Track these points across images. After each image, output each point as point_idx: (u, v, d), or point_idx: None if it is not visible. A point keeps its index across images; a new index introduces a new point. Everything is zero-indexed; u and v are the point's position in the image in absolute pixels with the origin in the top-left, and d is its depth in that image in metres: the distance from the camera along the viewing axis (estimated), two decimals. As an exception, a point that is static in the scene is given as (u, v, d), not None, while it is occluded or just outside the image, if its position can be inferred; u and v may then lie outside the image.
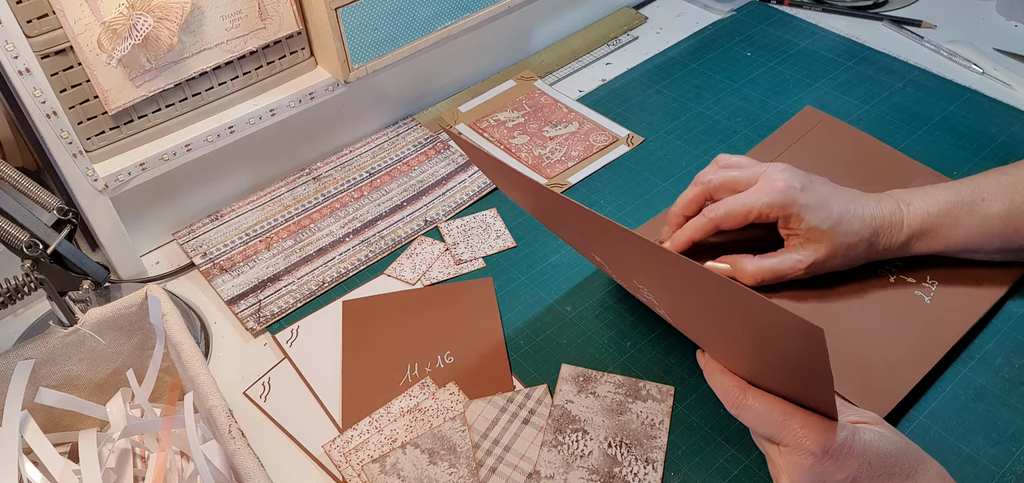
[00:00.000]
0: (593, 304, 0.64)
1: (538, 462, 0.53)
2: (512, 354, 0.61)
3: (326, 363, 0.62)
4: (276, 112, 0.73)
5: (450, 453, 0.54)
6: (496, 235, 0.71)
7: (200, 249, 0.72)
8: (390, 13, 0.73)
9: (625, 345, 0.61)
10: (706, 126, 0.82)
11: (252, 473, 0.45)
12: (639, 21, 0.99)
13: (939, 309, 0.59)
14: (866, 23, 0.95)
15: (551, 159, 0.79)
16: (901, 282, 0.61)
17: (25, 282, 0.51)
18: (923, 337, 0.57)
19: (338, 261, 0.70)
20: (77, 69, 0.62)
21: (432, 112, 0.86)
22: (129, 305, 0.54)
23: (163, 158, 0.68)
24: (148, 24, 0.61)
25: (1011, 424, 0.53)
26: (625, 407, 0.56)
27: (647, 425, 0.55)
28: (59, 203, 0.54)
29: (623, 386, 0.57)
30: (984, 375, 0.56)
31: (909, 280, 0.61)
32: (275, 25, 0.70)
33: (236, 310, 0.66)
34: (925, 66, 0.86)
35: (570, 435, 0.54)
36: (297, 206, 0.76)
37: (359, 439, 0.56)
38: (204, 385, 0.49)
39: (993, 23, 0.93)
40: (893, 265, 0.62)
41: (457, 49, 0.85)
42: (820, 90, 0.85)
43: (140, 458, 0.53)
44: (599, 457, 0.53)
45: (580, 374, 0.58)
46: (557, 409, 0.56)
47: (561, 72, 0.92)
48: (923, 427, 0.54)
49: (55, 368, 0.53)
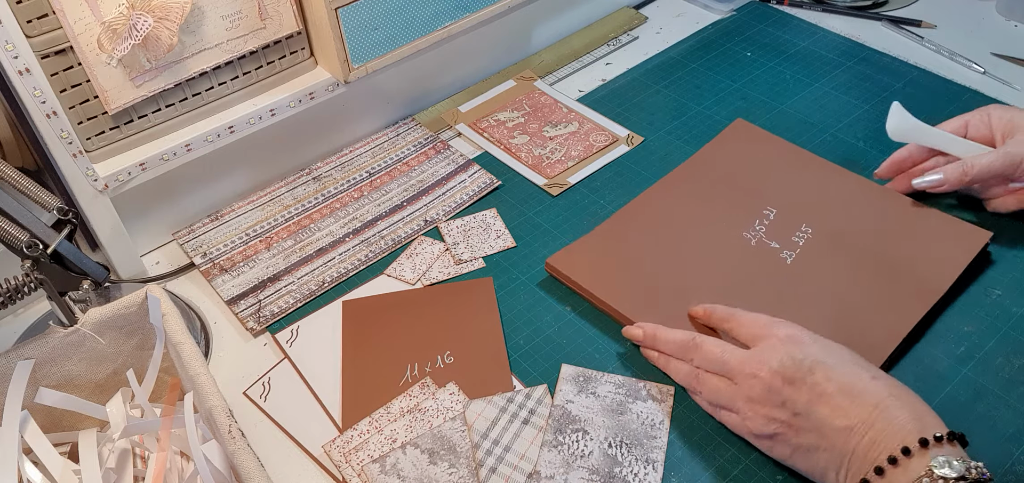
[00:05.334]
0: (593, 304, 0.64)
1: (538, 462, 0.53)
2: (512, 354, 0.61)
3: (326, 363, 0.62)
4: (276, 112, 0.73)
5: (450, 453, 0.54)
6: (496, 235, 0.71)
7: (200, 249, 0.72)
8: (390, 13, 0.73)
9: (626, 344, 0.61)
10: (706, 126, 0.82)
11: (252, 473, 0.45)
12: (639, 21, 0.99)
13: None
14: (866, 23, 0.95)
15: (551, 159, 0.79)
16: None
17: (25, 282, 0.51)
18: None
19: (338, 261, 0.70)
20: (77, 69, 0.62)
21: (432, 112, 0.86)
22: (129, 305, 0.54)
23: (163, 158, 0.68)
24: (148, 24, 0.61)
25: (1011, 424, 0.53)
26: (625, 407, 0.56)
27: (647, 425, 0.55)
28: (59, 203, 0.54)
29: (623, 386, 0.57)
30: (984, 375, 0.56)
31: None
32: (275, 25, 0.70)
33: (236, 310, 0.66)
34: (925, 66, 0.86)
35: (570, 435, 0.54)
36: (297, 206, 0.76)
37: (359, 439, 0.56)
38: (204, 385, 0.49)
39: (993, 23, 0.93)
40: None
41: (457, 49, 0.85)
42: (820, 90, 0.85)
43: (140, 458, 0.53)
44: (599, 457, 0.53)
45: (580, 374, 0.58)
46: (557, 409, 0.56)
47: (561, 72, 0.92)
48: (923, 427, 0.54)
49: (55, 368, 0.53)
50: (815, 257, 0.65)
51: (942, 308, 0.61)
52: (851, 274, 0.63)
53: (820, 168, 0.73)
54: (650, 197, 0.72)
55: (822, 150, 0.76)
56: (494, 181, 0.77)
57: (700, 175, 0.74)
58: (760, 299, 0.61)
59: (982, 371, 0.57)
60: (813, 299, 0.61)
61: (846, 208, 0.68)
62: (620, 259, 0.66)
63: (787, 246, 0.66)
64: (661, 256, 0.66)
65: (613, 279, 0.64)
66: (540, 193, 0.76)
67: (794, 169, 0.73)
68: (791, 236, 0.66)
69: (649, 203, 0.71)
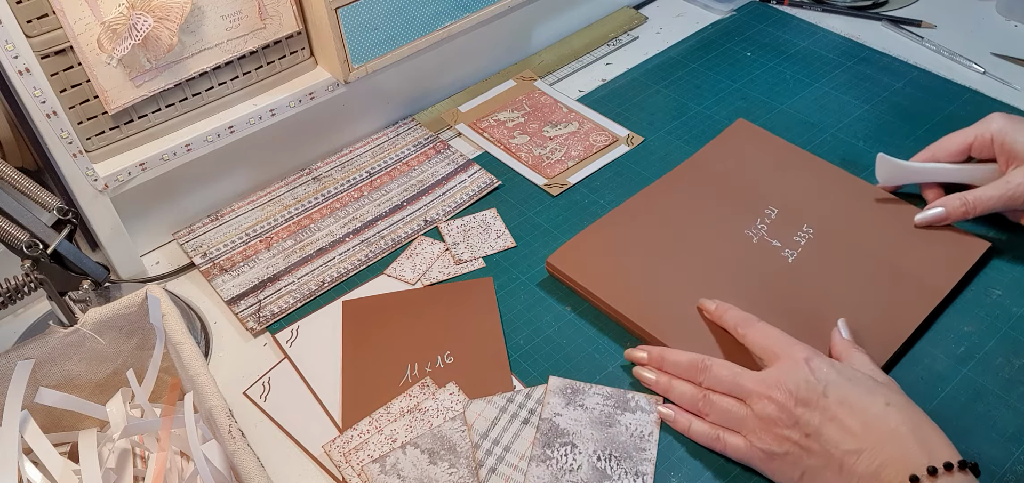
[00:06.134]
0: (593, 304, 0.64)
1: (528, 477, 0.53)
2: (512, 354, 0.61)
3: (326, 363, 0.62)
4: (276, 112, 0.73)
5: (450, 453, 0.54)
6: (496, 235, 0.71)
7: (200, 249, 0.72)
8: (390, 13, 0.73)
9: (626, 344, 0.61)
10: (706, 126, 0.82)
11: (252, 473, 0.45)
12: (639, 21, 0.99)
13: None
14: (866, 23, 0.95)
15: (551, 159, 0.79)
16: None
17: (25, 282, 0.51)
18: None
19: (338, 261, 0.70)
20: (77, 69, 0.62)
21: (432, 112, 0.86)
22: (129, 305, 0.54)
23: (163, 158, 0.68)
24: (148, 24, 0.61)
25: (1011, 424, 0.53)
26: (614, 419, 0.56)
27: (636, 437, 0.54)
28: (59, 203, 0.54)
29: (611, 398, 0.57)
30: (984, 375, 0.56)
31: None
32: (275, 25, 0.70)
33: (236, 310, 0.66)
34: (925, 66, 0.86)
35: (559, 449, 0.54)
36: (297, 206, 0.76)
37: (359, 439, 0.56)
38: (204, 385, 0.49)
39: (993, 23, 0.93)
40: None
41: (457, 49, 0.85)
42: (820, 90, 0.85)
43: (140, 458, 0.53)
44: (589, 471, 0.52)
45: (568, 386, 0.58)
46: (545, 423, 0.55)
47: (561, 72, 0.92)
48: (923, 427, 0.54)
49: (55, 368, 0.53)
50: (816, 257, 0.65)
51: (942, 308, 0.61)
52: (851, 275, 0.63)
53: (822, 170, 0.73)
54: (651, 193, 0.72)
55: (822, 150, 0.76)
56: (494, 181, 0.77)
57: (702, 173, 0.74)
58: (761, 296, 0.62)
59: (982, 371, 0.57)
60: (814, 298, 0.61)
61: (848, 211, 0.68)
62: (620, 255, 0.66)
63: (789, 245, 0.66)
64: (662, 251, 0.66)
65: (614, 277, 0.64)
66: (540, 193, 0.76)
67: (796, 170, 0.73)
68: (792, 235, 0.66)
69: (650, 199, 0.72)
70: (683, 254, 0.66)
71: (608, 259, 0.66)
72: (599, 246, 0.67)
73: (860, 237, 0.66)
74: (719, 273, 0.64)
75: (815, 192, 0.70)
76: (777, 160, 0.74)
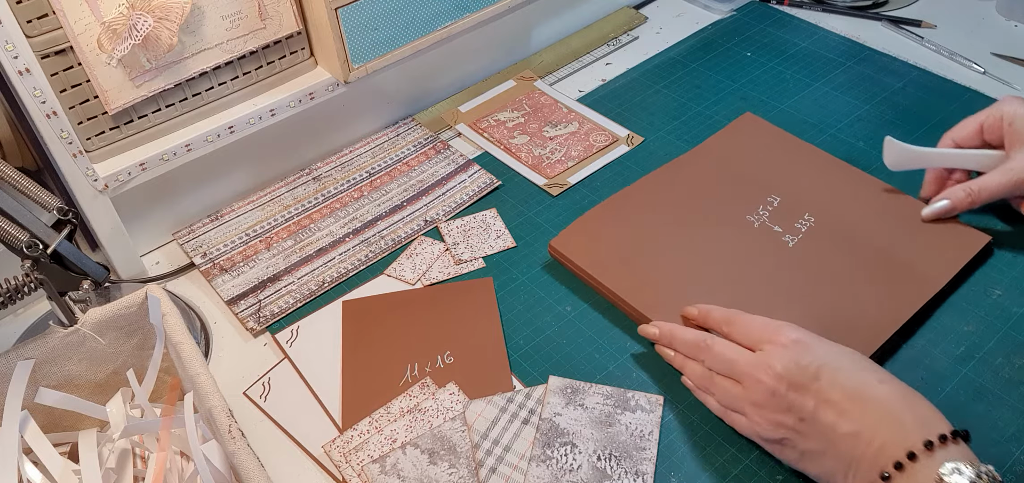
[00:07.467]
0: (593, 304, 0.64)
1: (528, 477, 0.53)
2: (512, 354, 0.61)
3: (326, 363, 0.62)
4: (276, 112, 0.73)
5: (450, 453, 0.54)
6: (496, 235, 0.71)
7: (200, 249, 0.72)
8: (390, 13, 0.73)
9: (626, 345, 0.61)
10: (706, 126, 0.82)
11: (252, 473, 0.45)
12: (639, 21, 0.99)
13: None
14: (866, 23, 0.95)
15: (551, 159, 0.79)
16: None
17: (25, 282, 0.51)
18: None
19: (338, 261, 0.70)
20: (77, 69, 0.62)
21: (432, 112, 0.86)
22: (129, 305, 0.54)
23: (163, 158, 0.68)
24: (148, 24, 0.61)
25: (1011, 424, 0.53)
26: (614, 418, 0.56)
27: (636, 436, 0.54)
28: (59, 203, 0.54)
29: (611, 397, 0.57)
30: (984, 375, 0.56)
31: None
32: (275, 25, 0.70)
33: (236, 310, 0.66)
34: (925, 66, 0.86)
35: (559, 449, 0.54)
36: (297, 206, 0.76)
37: (359, 439, 0.56)
38: (204, 385, 0.49)
39: (993, 23, 0.93)
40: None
41: (457, 49, 0.85)
42: (820, 90, 0.85)
43: (140, 458, 0.53)
44: (589, 471, 0.52)
45: (568, 386, 0.58)
46: (545, 423, 0.55)
47: (561, 72, 0.92)
48: (923, 427, 0.54)
49: (55, 368, 0.53)
50: (816, 244, 0.65)
51: (942, 308, 0.61)
52: (850, 264, 0.63)
53: (825, 162, 0.73)
54: (654, 179, 0.73)
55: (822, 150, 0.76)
56: (494, 181, 0.77)
57: (706, 161, 0.75)
58: (760, 278, 0.62)
59: (982, 371, 0.57)
60: (811, 283, 0.62)
61: (849, 202, 0.68)
62: (623, 238, 0.67)
63: (789, 231, 0.66)
64: (664, 235, 0.67)
65: (616, 262, 0.65)
66: (540, 193, 0.76)
67: (800, 162, 0.73)
68: (793, 223, 0.67)
69: (654, 184, 0.72)
70: (685, 237, 0.67)
71: (610, 243, 0.66)
72: (602, 229, 0.68)
73: (861, 227, 0.66)
74: (719, 255, 0.65)
75: (819, 183, 0.71)
76: (782, 151, 0.75)
